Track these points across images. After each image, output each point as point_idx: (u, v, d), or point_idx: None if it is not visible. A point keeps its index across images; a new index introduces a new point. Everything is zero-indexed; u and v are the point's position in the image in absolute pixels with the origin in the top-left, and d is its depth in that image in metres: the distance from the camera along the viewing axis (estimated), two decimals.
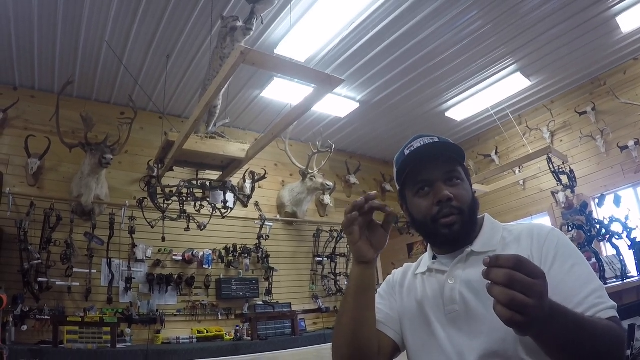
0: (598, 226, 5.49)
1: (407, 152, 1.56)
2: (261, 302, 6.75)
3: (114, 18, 4.95)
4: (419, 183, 1.52)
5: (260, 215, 7.09)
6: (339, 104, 7.18)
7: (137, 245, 5.88)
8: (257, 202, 7.10)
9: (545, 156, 6.43)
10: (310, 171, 7.26)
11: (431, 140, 1.55)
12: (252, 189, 6.31)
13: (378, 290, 1.74)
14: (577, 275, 1.29)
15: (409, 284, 1.65)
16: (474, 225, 1.52)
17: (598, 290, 1.26)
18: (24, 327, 4.82)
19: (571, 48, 6.36)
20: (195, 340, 5.84)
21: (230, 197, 5.33)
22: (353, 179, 8.69)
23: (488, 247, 1.47)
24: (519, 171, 7.94)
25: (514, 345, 1.26)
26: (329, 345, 1.50)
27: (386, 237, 1.48)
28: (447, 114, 7.92)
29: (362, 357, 1.44)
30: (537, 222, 1.56)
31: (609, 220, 5.44)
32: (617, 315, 1.23)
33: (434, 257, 1.60)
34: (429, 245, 1.65)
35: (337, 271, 7.74)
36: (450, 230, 1.46)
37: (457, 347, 1.37)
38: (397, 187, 1.65)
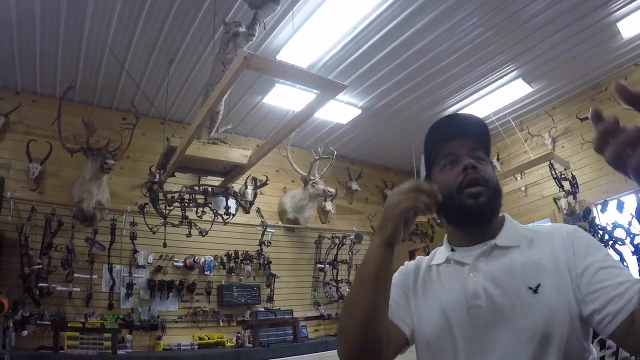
0: (601, 232, 5.47)
1: (434, 130, 1.58)
2: (263, 309, 6.75)
3: (117, 23, 4.96)
4: (445, 157, 1.51)
5: (261, 221, 7.08)
6: (341, 110, 7.18)
7: (138, 251, 5.88)
8: (258, 208, 7.09)
9: (547, 162, 6.43)
10: (312, 178, 7.25)
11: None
12: (254, 195, 6.31)
13: None
14: (612, 262, 1.28)
15: (424, 276, 1.58)
16: (498, 205, 1.48)
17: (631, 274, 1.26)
18: (25, 333, 4.82)
19: (572, 54, 6.35)
20: (196, 346, 5.83)
21: (232, 203, 5.32)
22: (355, 186, 8.68)
23: (512, 242, 1.43)
24: (521, 178, 7.93)
25: (542, 344, 1.22)
26: (331, 352, 1.46)
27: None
28: None
29: (371, 348, 1.34)
30: (558, 223, 1.52)
31: (612, 226, 5.43)
32: None
33: (452, 250, 1.55)
34: (445, 237, 1.61)
35: (339, 278, 7.72)
36: (476, 201, 1.41)
37: (479, 344, 1.32)
38: (424, 174, 1.62)
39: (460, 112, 7.51)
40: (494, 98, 7.27)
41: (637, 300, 1.13)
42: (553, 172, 6.39)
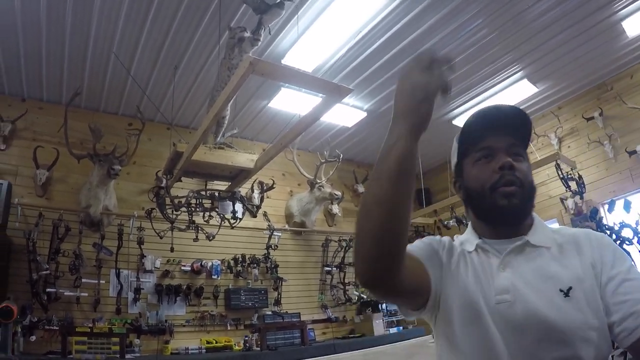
0: (608, 232, 5.46)
1: (472, 119, 1.47)
2: (270, 312, 6.75)
3: (122, 29, 4.98)
4: (480, 150, 1.44)
5: (268, 225, 7.08)
6: (347, 113, 7.19)
7: (145, 256, 5.88)
8: (265, 212, 7.09)
9: (554, 163, 6.40)
10: (319, 181, 7.26)
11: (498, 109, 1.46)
12: (261, 199, 6.32)
13: (419, 239, 1.57)
14: (636, 274, 1.28)
15: (458, 258, 1.49)
16: (531, 206, 1.45)
17: None
18: (33, 338, 4.82)
19: (577, 54, 6.34)
20: (204, 350, 5.83)
21: (239, 207, 5.33)
22: (361, 188, 8.68)
23: (543, 242, 1.40)
24: None
25: (572, 348, 1.21)
26: (339, 355, 1.39)
27: None
28: (454, 122, 7.88)
29: (390, 257, 1.19)
30: (586, 229, 1.49)
31: (619, 226, 5.43)
32: None
33: (479, 239, 1.49)
34: (469, 225, 1.57)
35: (346, 281, 7.71)
36: (510, 201, 1.36)
37: (507, 339, 1.27)
38: (454, 161, 1.56)
39: (470, 113, 7.48)
40: (500, 99, 7.23)
41: None
42: (559, 173, 6.36)
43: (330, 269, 7.71)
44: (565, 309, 1.24)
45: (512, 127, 1.45)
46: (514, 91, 7.12)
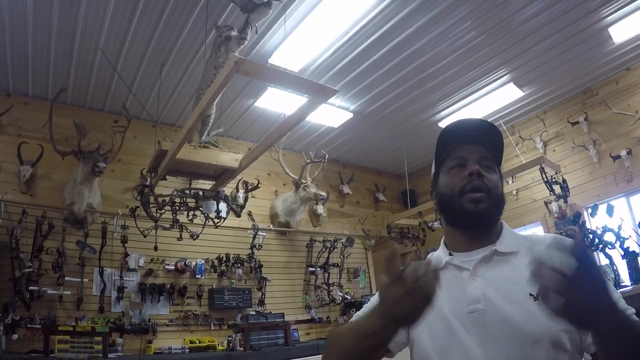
0: (591, 236, 5.51)
1: (448, 130, 1.58)
2: (254, 312, 6.73)
3: (109, 26, 4.95)
4: (454, 160, 1.53)
5: (253, 225, 7.06)
6: (333, 113, 7.18)
7: (129, 255, 5.85)
8: (250, 211, 7.07)
9: (538, 166, 6.44)
10: (304, 181, 7.24)
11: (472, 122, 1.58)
12: (245, 199, 6.30)
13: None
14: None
15: None
16: (498, 214, 1.51)
17: (621, 298, 1.28)
18: (15, 336, 4.76)
19: (564, 59, 6.39)
20: (187, 350, 5.80)
21: (223, 206, 5.32)
22: (346, 189, 8.69)
23: (511, 248, 1.45)
24: (512, 181, 7.96)
25: (545, 350, 1.24)
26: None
27: None
28: (440, 124, 7.90)
29: None
30: (555, 234, 1.56)
31: (602, 229, 5.47)
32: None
33: (450, 255, 1.55)
34: (442, 240, 1.62)
35: (330, 281, 7.71)
36: (476, 206, 1.43)
37: (483, 348, 1.30)
38: (433, 172, 1.65)
39: (456, 115, 7.59)
40: (486, 102, 7.29)
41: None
42: (544, 176, 6.40)
43: (314, 269, 7.70)
44: (535, 313, 1.26)
45: (485, 140, 1.54)
46: (500, 94, 7.15)
